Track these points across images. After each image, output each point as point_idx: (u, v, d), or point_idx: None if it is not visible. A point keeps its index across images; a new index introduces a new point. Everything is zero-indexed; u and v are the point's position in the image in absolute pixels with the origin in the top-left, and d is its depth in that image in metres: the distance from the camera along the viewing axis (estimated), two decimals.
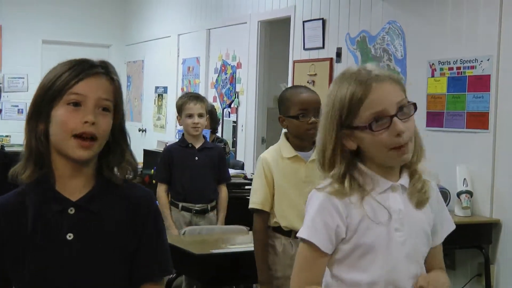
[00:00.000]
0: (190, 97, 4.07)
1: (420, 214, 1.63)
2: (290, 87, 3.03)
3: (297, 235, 1.63)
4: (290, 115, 2.79)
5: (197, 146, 4.04)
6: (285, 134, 2.90)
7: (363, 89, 1.54)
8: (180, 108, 4.04)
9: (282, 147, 2.86)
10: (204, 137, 4.19)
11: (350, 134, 1.58)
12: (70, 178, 1.44)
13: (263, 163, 2.83)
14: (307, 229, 1.60)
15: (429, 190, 1.64)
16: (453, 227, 1.75)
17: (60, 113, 1.39)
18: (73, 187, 1.45)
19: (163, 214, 3.98)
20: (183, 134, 4.13)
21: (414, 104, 1.59)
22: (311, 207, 1.62)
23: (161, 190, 4.04)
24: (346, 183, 1.57)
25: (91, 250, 1.44)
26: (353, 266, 1.60)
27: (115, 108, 1.45)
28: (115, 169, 1.48)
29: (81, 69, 1.42)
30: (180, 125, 4.15)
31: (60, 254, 1.42)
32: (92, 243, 1.44)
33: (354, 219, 1.58)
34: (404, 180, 1.63)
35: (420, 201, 1.62)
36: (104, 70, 1.46)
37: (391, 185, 1.60)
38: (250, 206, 2.83)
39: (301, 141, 2.83)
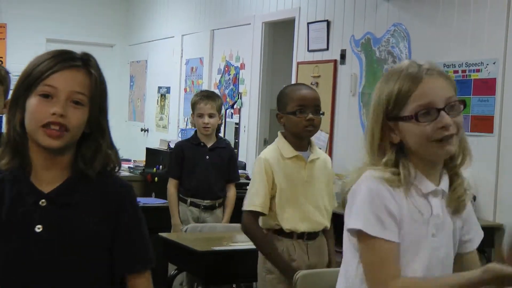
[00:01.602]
0: (202, 97, 4.08)
1: (452, 221, 1.61)
2: (289, 85, 3.00)
3: (355, 226, 1.53)
4: (288, 112, 2.76)
5: (209, 145, 4.07)
6: (283, 133, 2.85)
7: (412, 81, 1.54)
8: (192, 107, 4.07)
9: (282, 147, 2.81)
10: (217, 136, 4.19)
11: (395, 127, 1.56)
12: (45, 169, 1.44)
13: (264, 163, 2.76)
14: (371, 224, 1.51)
15: (467, 198, 1.63)
16: (482, 234, 1.72)
17: (32, 103, 1.40)
18: (47, 178, 1.44)
19: (171, 211, 4.03)
20: (195, 131, 4.15)
21: (464, 102, 1.58)
22: (364, 199, 1.53)
23: (172, 186, 4.07)
24: (402, 170, 1.54)
25: (60, 243, 1.42)
26: None
27: (91, 102, 1.44)
28: (93, 162, 1.47)
29: (58, 61, 1.42)
30: (192, 123, 4.18)
31: (27, 246, 1.41)
32: (62, 236, 1.43)
33: (402, 211, 1.54)
34: (445, 184, 1.61)
35: (457, 209, 1.61)
36: (82, 63, 1.45)
37: (435, 189, 1.58)
38: (250, 208, 2.75)
39: (299, 140, 2.80)
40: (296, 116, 2.72)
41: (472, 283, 1.42)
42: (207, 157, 4.03)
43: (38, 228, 1.41)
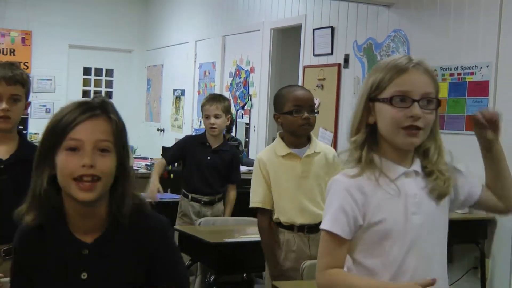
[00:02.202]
0: (208, 99, 4.07)
1: (431, 199, 1.60)
2: (284, 87, 3.03)
3: (321, 226, 1.58)
4: (284, 112, 2.77)
5: (214, 146, 4.02)
6: (280, 134, 2.88)
7: (398, 71, 1.53)
8: (201, 109, 4.06)
9: (276, 147, 2.84)
10: (224, 137, 4.15)
11: (372, 108, 1.56)
12: (82, 218, 1.42)
13: (259, 163, 2.82)
14: (328, 219, 1.56)
15: (447, 189, 1.61)
16: (478, 182, 1.74)
17: (61, 159, 1.36)
18: (86, 227, 1.42)
19: (152, 175, 4.01)
20: (205, 131, 4.11)
21: (439, 101, 1.57)
22: (329, 195, 1.59)
23: (160, 162, 4.15)
24: (364, 154, 1.55)
25: (104, 287, 1.43)
26: (372, 253, 1.57)
27: (116, 146, 1.40)
28: (122, 208, 1.43)
29: (78, 113, 1.37)
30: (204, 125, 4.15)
31: None
32: (104, 282, 1.42)
33: (373, 200, 1.55)
34: (416, 165, 1.60)
35: (441, 194, 1.59)
36: (101, 110, 1.40)
37: (405, 171, 1.58)
38: (251, 205, 2.81)
39: (296, 138, 2.81)
40: (293, 116, 2.73)
41: None
42: (209, 158, 3.99)
43: (84, 276, 1.41)
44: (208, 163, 3.99)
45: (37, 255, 1.43)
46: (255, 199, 2.79)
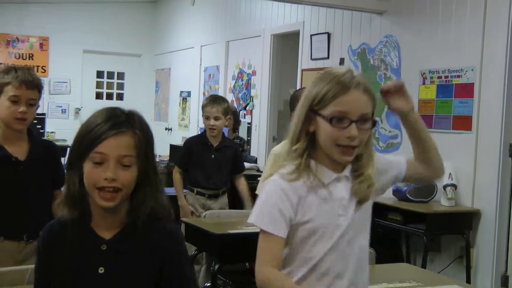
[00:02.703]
0: (209, 100, 3.99)
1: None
2: (299, 89, 3.04)
3: (249, 221, 1.58)
4: None
5: (215, 144, 3.99)
6: None
7: (341, 88, 1.51)
8: (202, 109, 4.02)
9: None
10: (223, 134, 4.11)
11: (313, 118, 1.55)
12: (104, 217, 1.43)
13: (274, 156, 2.81)
14: (259, 216, 1.56)
15: (372, 190, 1.60)
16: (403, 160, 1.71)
17: (87, 169, 1.38)
18: (106, 225, 1.43)
19: (177, 194, 4.01)
20: (205, 130, 4.07)
21: (374, 122, 1.56)
22: (265, 194, 1.58)
23: (176, 173, 4.07)
24: (303, 161, 1.54)
25: (118, 283, 1.43)
26: (302, 249, 1.58)
27: (138, 160, 1.40)
28: (139, 211, 1.44)
29: (106, 128, 1.37)
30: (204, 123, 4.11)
31: (92, 286, 1.42)
32: (121, 277, 1.42)
33: (305, 201, 1.56)
34: (347, 170, 1.60)
35: (362, 199, 1.60)
36: (127, 126, 1.40)
37: (336, 177, 1.58)
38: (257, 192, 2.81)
39: None
40: None
41: None
42: (213, 156, 3.97)
43: (101, 270, 1.41)
44: (212, 161, 3.97)
45: (58, 250, 1.44)
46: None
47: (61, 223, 1.45)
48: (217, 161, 3.99)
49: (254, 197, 4.12)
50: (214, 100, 4.01)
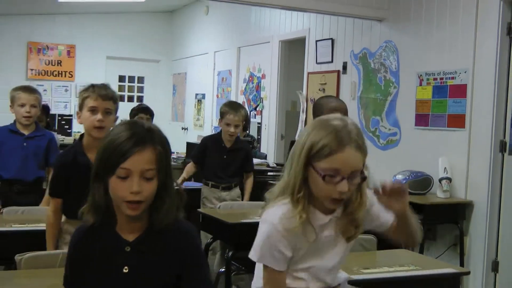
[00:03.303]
0: (231, 108, 3.95)
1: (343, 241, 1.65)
2: (322, 96, 3.08)
3: (251, 258, 1.59)
4: None
5: (229, 146, 4.01)
6: None
7: (337, 145, 1.49)
8: (222, 115, 3.97)
9: None
10: (237, 136, 4.10)
11: (308, 168, 1.53)
12: (127, 223, 1.45)
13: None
14: (262, 256, 1.57)
15: (359, 232, 1.63)
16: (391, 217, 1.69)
17: (113, 183, 1.40)
18: (130, 229, 1.45)
19: (182, 175, 4.12)
20: (221, 131, 4.06)
21: (363, 177, 1.54)
22: (262, 236, 1.57)
23: (190, 165, 4.15)
24: (303, 210, 1.54)
25: (141, 281, 1.44)
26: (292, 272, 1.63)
27: (158, 172, 1.41)
28: (158, 215, 1.45)
29: (129, 146, 1.38)
30: (220, 126, 4.07)
31: (117, 283, 1.43)
32: (143, 275, 1.44)
33: (299, 247, 1.58)
34: (338, 211, 1.61)
35: (349, 238, 1.63)
36: (149, 142, 1.40)
37: (328, 219, 1.59)
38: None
39: None
40: None
41: None
42: (225, 156, 4.01)
43: (125, 269, 1.43)
44: (224, 162, 4.01)
45: (87, 250, 1.46)
46: None
47: (89, 226, 1.47)
48: (229, 161, 4.02)
49: (259, 190, 4.17)
50: (235, 108, 3.96)
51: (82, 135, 2.47)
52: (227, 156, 4.02)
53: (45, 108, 4.98)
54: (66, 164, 2.40)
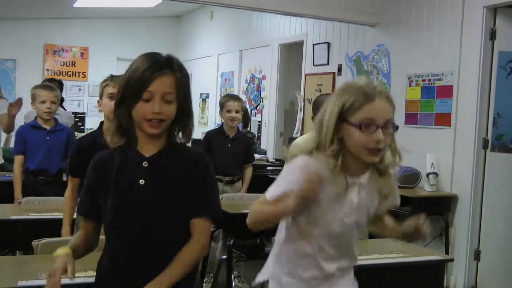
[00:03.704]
0: (230, 97, 4.01)
1: (370, 201, 1.59)
2: (322, 94, 3.04)
3: (267, 192, 1.52)
4: None
5: (231, 135, 4.00)
6: None
7: (366, 98, 1.48)
8: (222, 105, 4.00)
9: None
10: (238, 128, 4.14)
11: (341, 125, 1.50)
12: (147, 143, 1.49)
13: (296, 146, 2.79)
14: (279, 185, 1.51)
15: (394, 193, 1.59)
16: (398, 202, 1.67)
17: (138, 105, 1.43)
18: (149, 148, 1.49)
19: None
20: (222, 124, 4.08)
21: (396, 127, 1.53)
22: (293, 166, 1.51)
23: None
24: (338, 163, 1.49)
25: (157, 193, 1.47)
26: (310, 223, 1.56)
27: (177, 96, 1.45)
28: (180, 135, 1.51)
29: (151, 71, 1.42)
30: (222, 118, 4.09)
31: (134, 194, 1.46)
32: (158, 188, 1.47)
33: (325, 196, 1.52)
34: (364, 178, 1.56)
35: (385, 194, 1.59)
36: (169, 68, 1.44)
37: (353, 181, 1.54)
38: None
39: None
40: None
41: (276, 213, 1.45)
42: (229, 145, 3.97)
43: (142, 182, 1.46)
44: (229, 150, 3.99)
45: (107, 169, 1.49)
46: None
47: (110, 149, 1.50)
48: (232, 149, 4.00)
49: (259, 183, 4.18)
50: (234, 97, 4.07)
51: (102, 122, 2.54)
52: (231, 145, 4.00)
53: (60, 85, 4.91)
54: (84, 145, 2.45)
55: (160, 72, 1.43)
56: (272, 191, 1.51)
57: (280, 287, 1.63)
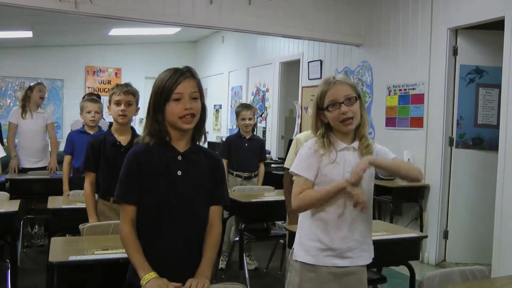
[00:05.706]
0: (244, 107, 3.96)
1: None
2: None
3: (298, 172, 1.61)
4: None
5: (247, 137, 3.98)
6: None
7: (327, 86, 1.61)
8: (238, 114, 3.95)
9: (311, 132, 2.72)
10: (252, 131, 4.07)
11: (322, 114, 1.62)
12: (179, 140, 1.49)
13: (297, 141, 2.60)
14: (302, 167, 1.61)
15: (372, 149, 1.64)
16: (393, 155, 1.68)
17: (170, 107, 1.43)
18: (180, 145, 1.49)
19: None
20: (239, 129, 4.01)
21: (356, 97, 1.60)
22: (302, 152, 1.64)
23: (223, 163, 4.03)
24: (325, 140, 1.62)
25: (191, 183, 1.47)
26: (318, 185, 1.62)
27: (201, 95, 1.48)
28: (200, 134, 1.52)
29: (177, 76, 1.43)
30: (238, 124, 4.04)
31: (173, 183, 1.45)
32: (192, 178, 1.48)
33: (324, 163, 1.61)
34: (356, 144, 1.64)
35: (365, 155, 1.62)
36: (190, 73, 1.47)
37: (345, 146, 1.63)
38: (285, 165, 2.64)
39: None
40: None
41: (331, 191, 1.56)
42: (246, 144, 3.94)
43: (179, 173, 1.45)
44: (246, 149, 3.96)
45: (145, 161, 1.44)
46: (288, 163, 2.53)
47: (144, 147, 1.46)
48: (249, 148, 3.97)
49: (267, 177, 4.18)
50: (247, 106, 3.99)
51: (111, 124, 2.55)
52: (248, 144, 3.97)
53: (98, 99, 4.94)
54: (96, 143, 2.48)
55: (184, 76, 1.45)
56: (298, 169, 1.61)
57: (304, 251, 1.65)
